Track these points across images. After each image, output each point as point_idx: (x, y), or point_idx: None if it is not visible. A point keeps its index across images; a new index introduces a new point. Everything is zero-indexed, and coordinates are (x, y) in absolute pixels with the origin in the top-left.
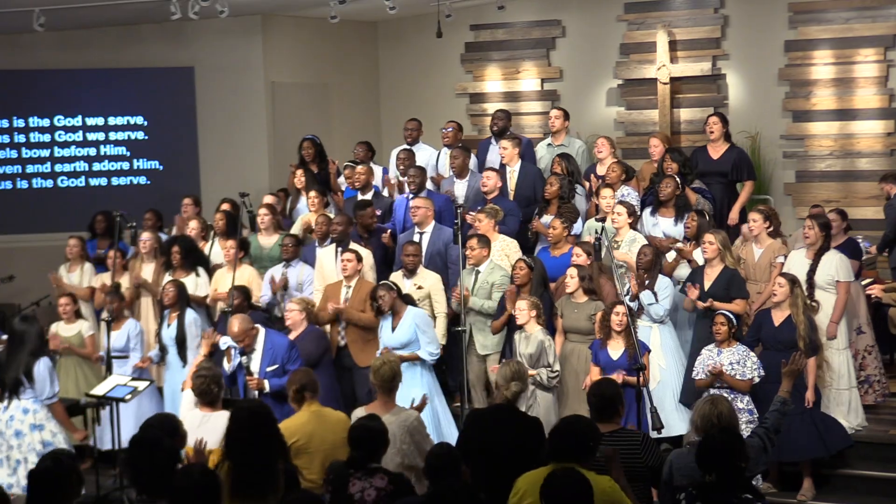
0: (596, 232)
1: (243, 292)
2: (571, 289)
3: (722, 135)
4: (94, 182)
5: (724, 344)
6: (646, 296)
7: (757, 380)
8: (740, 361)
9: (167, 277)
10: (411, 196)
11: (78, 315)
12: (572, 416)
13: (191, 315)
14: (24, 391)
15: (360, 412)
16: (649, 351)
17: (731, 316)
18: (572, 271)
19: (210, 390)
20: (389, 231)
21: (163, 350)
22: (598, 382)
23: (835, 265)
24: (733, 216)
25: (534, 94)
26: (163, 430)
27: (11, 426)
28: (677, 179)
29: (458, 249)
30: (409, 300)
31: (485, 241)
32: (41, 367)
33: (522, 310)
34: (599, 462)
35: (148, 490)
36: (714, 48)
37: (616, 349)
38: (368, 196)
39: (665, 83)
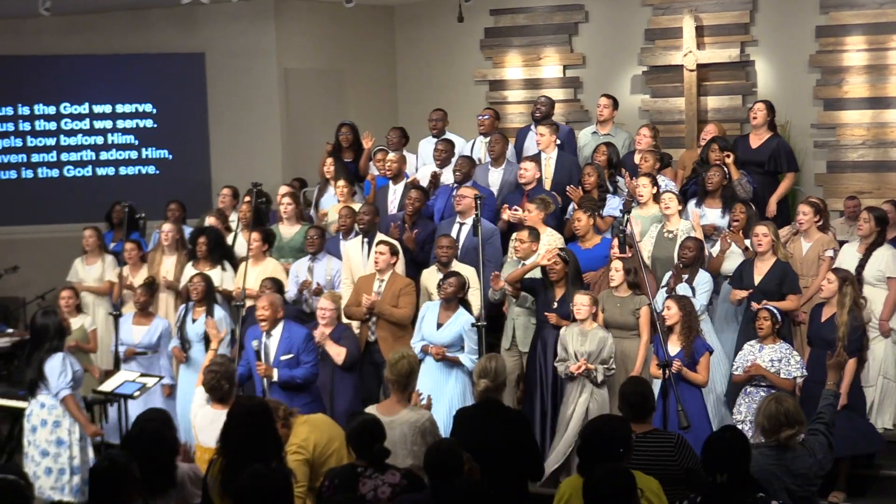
0: (620, 224)
1: (276, 284)
2: (616, 282)
3: (765, 122)
4: (101, 171)
5: (766, 340)
6: (682, 289)
7: (800, 380)
8: (782, 359)
9: (188, 270)
10: (456, 186)
11: (79, 309)
12: (601, 421)
13: (220, 312)
14: (40, 389)
15: (371, 410)
16: (711, 351)
17: (776, 311)
18: (617, 264)
19: (220, 386)
20: (415, 232)
21: (183, 345)
22: (631, 380)
23: (885, 260)
24: (771, 208)
25: (555, 82)
26: (160, 423)
27: (31, 421)
28: (725, 169)
29: (497, 249)
30: (465, 304)
31: (535, 235)
32: (53, 362)
33: (584, 305)
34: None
35: (149, 487)
36: (742, 34)
37: (674, 346)
38: (400, 186)
39: (692, 70)
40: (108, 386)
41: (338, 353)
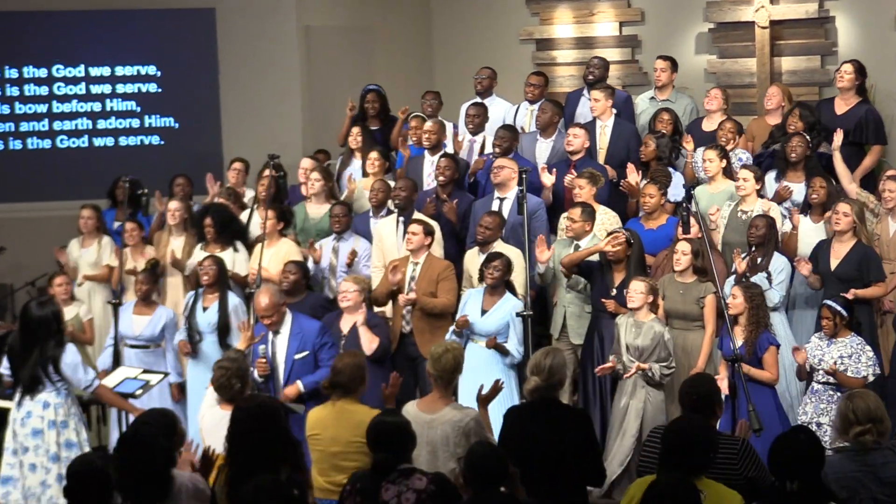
0: (682, 200)
1: (301, 268)
2: (682, 266)
3: (853, 86)
4: (98, 142)
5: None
6: (759, 280)
7: (872, 378)
8: (853, 355)
9: (198, 252)
10: (494, 159)
11: (72, 297)
12: (685, 424)
13: (234, 300)
14: (42, 388)
15: (410, 408)
16: (777, 346)
17: (839, 308)
18: (684, 247)
19: (230, 385)
20: (455, 202)
21: (191, 337)
22: (693, 378)
23: None
24: (852, 186)
25: (611, 41)
26: (159, 428)
27: (28, 424)
28: (807, 137)
29: (544, 223)
30: (510, 287)
31: (589, 213)
32: (69, 356)
33: (640, 292)
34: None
35: (137, 497)
36: None
37: (737, 339)
38: (437, 158)
39: (764, 27)
40: (107, 383)
41: (371, 340)
